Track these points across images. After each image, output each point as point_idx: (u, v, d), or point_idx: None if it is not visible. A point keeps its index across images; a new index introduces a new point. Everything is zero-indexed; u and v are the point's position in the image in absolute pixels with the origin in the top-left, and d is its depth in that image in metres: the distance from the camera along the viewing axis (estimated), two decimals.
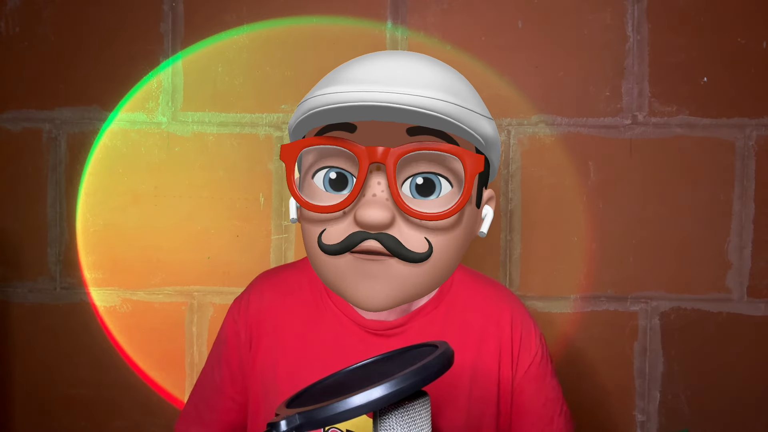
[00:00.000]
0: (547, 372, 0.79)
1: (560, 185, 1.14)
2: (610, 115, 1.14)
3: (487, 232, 0.69)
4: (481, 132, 0.62)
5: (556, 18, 1.14)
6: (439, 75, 0.62)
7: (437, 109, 0.57)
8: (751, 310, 1.13)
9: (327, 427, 0.62)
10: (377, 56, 0.65)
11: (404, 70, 0.60)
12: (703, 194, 1.13)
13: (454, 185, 0.62)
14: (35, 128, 1.18)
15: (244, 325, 0.79)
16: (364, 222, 0.59)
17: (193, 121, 1.17)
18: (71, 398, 1.19)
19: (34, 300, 1.19)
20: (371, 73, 0.60)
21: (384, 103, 0.56)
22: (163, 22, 1.16)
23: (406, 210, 0.59)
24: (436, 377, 0.46)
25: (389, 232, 0.60)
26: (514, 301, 0.81)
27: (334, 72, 0.65)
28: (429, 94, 0.57)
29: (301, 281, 0.80)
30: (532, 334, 0.78)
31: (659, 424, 1.15)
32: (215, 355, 0.82)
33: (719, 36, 1.12)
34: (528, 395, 0.77)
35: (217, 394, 0.81)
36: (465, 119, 0.59)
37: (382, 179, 0.60)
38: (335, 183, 0.63)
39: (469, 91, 0.65)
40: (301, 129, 0.65)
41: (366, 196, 0.60)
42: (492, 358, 0.76)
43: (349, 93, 0.57)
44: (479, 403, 0.75)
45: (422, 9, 1.15)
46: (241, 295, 0.83)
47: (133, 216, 1.17)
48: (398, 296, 0.63)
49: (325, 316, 0.76)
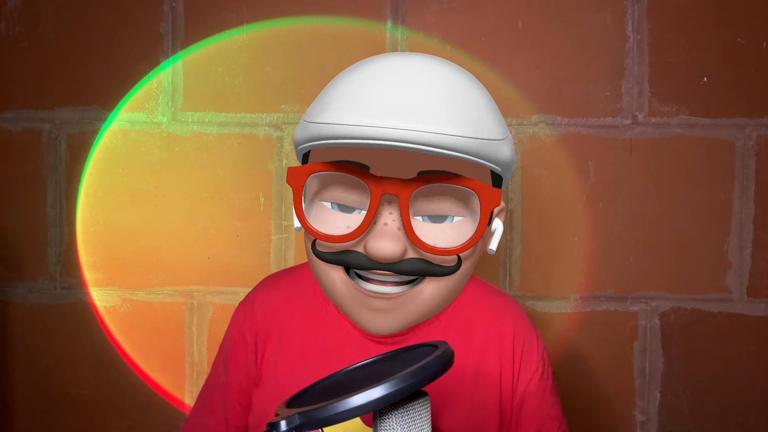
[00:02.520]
0: (547, 388, 0.77)
1: (560, 185, 1.14)
2: (610, 115, 1.14)
3: (495, 249, 0.68)
4: (499, 159, 0.62)
5: (556, 18, 1.14)
6: (458, 96, 0.60)
7: (455, 148, 0.56)
8: (751, 310, 1.13)
9: (327, 427, 0.62)
10: (389, 70, 0.61)
11: (424, 94, 0.58)
12: (703, 194, 1.13)
13: (466, 214, 0.62)
14: (35, 128, 1.17)
15: (250, 328, 0.78)
16: (376, 255, 0.58)
17: (193, 121, 1.17)
18: (71, 398, 1.19)
19: (34, 300, 1.19)
20: (386, 99, 0.58)
21: (401, 143, 0.55)
22: (163, 22, 1.16)
23: (420, 245, 0.59)
24: (436, 377, 0.46)
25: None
26: (517, 313, 0.78)
27: (345, 88, 0.61)
28: (447, 131, 0.56)
29: (305, 286, 0.79)
30: (534, 349, 0.76)
31: (659, 424, 1.15)
32: (221, 360, 0.81)
33: (719, 36, 1.12)
34: (526, 411, 0.75)
35: (223, 398, 0.79)
36: (485, 153, 0.59)
37: (393, 209, 0.60)
38: (342, 205, 0.63)
39: (487, 107, 0.63)
40: (320, 151, 0.63)
41: (377, 224, 0.60)
42: (494, 364, 0.75)
43: (364, 128, 0.56)
44: (481, 405, 0.75)
45: (422, 9, 1.15)
46: (246, 298, 0.82)
47: (133, 216, 1.17)
48: (411, 321, 0.64)
49: (327, 322, 0.76)
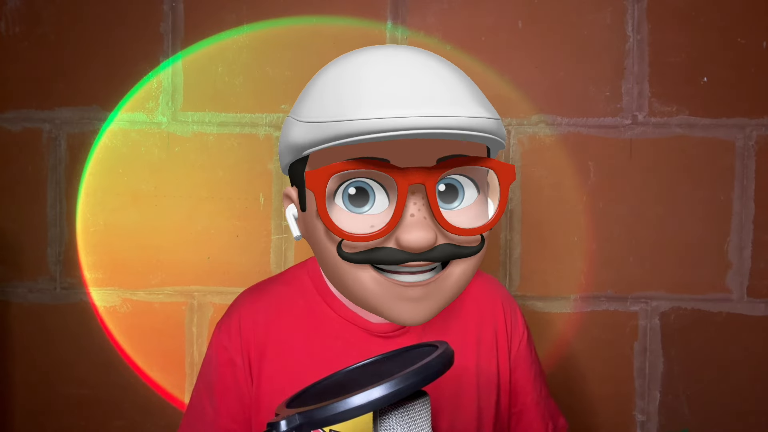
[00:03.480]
0: (532, 348, 0.84)
1: (560, 185, 1.14)
2: (610, 115, 1.14)
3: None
4: (503, 135, 0.64)
5: (556, 18, 1.14)
6: (455, 79, 0.60)
7: (476, 128, 0.56)
8: (751, 310, 1.13)
9: (327, 427, 0.62)
10: (394, 63, 0.60)
11: (432, 82, 0.58)
12: (703, 194, 1.13)
13: (480, 190, 0.64)
14: (35, 128, 1.17)
15: (238, 350, 0.74)
16: (411, 246, 0.58)
17: (193, 121, 1.17)
18: (71, 398, 1.19)
19: (34, 300, 1.19)
20: (399, 88, 0.57)
21: (427, 129, 0.54)
22: (163, 22, 1.16)
23: (451, 229, 0.59)
24: (436, 377, 0.46)
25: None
26: (499, 287, 0.85)
27: (353, 85, 0.59)
28: (465, 113, 0.56)
29: (291, 295, 0.76)
30: (518, 315, 0.83)
31: (659, 424, 1.15)
32: (204, 386, 0.76)
33: (719, 36, 1.12)
34: (521, 371, 0.81)
35: (210, 427, 0.74)
36: (495, 130, 0.59)
37: (417, 199, 0.59)
38: (354, 199, 0.61)
39: (478, 90, 0.64)
40: (323, 152, 0.60)
41: (405, 217, 0.59)
42: (490, 351, 0.78)
43: (386, 120, 0.54)
44: (480, 404, 0.76)
45: (422, 9, 1.15)
46: (223, 321, 0.77)
47: (133, 216, 1.17)
48: (442, 306, 0.65)
49: (327, 325, 0.74)
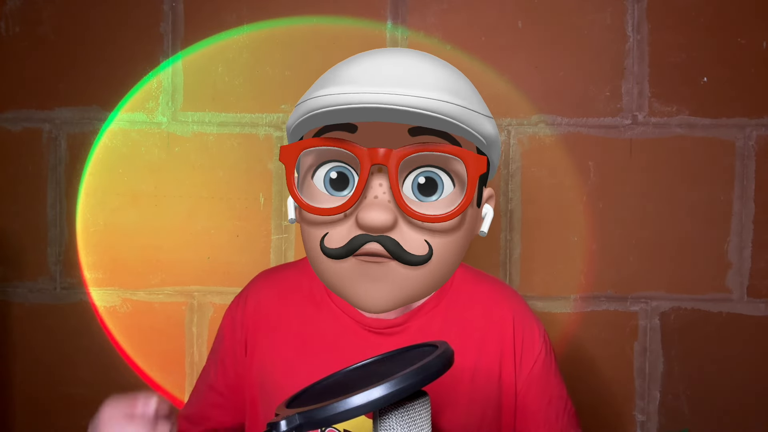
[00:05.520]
0: (551, 370, 0.78)
1: (560, 185, 1.14)
2: (610, 115, 1.14)
3: (487, 232, 0.70)
4: (483, 131, 0.62)
5: (556, 18, 1.14)
6: (440, 74, 0.62)
7: (439, 110, 0.56)
8: (751, 310, 1.13)
9: (327, 427, 0.62)
10: (376, 54, 0.64)
11: (404, 70, 0.60)
12: (703, 194, 1.13)
13: (456, 185, 0.62)
14: (35, 128, 1.17)
15: (240, 324, 0.80)
16: (367, 225, 0.58)
17: (193, 121, 1.17)
18: (71, 398, 1.19)
19: (34, 300, 1.19)
20: (371, 72, 0.60)
21: (386, 105, 0.55)
22: (163, 22, 1.16)
23: (409, 212, 0.59)
24: (436, 377, 0.46)
25: (390, 235, 0.60)
26: (516, 300, 0.80)
27: (333, 71, 0.64)
28: (430, 95, 0.57)
29: (300, 281, 0.80)
30: (536, 333, 0.78)
31: (659, 424, 1.15)
32: (213, 353, 0.84)
33: (719, 36, 1.12)
34: (533, 395, 0.76)
35: (207, 389, 0.82)
36: (466, 119, 0.59)
37: (383, 180, 0.60)
38: (335, 183, 0.63)
39: (470, 90, 0.65)
40: (300, 130, 0.64)
41: (368, 197, 0.60)
42: (493, 359, 0.75)
43: (350, 95, 0.57)
44: (480, 404, 0.75)
45: (422, 9, 1.15)
46: (240, 294, 0.83)
47: (133, 216, 1.17)
48: (399, 298, 0.63)
49: (325, 315, 0.76)
